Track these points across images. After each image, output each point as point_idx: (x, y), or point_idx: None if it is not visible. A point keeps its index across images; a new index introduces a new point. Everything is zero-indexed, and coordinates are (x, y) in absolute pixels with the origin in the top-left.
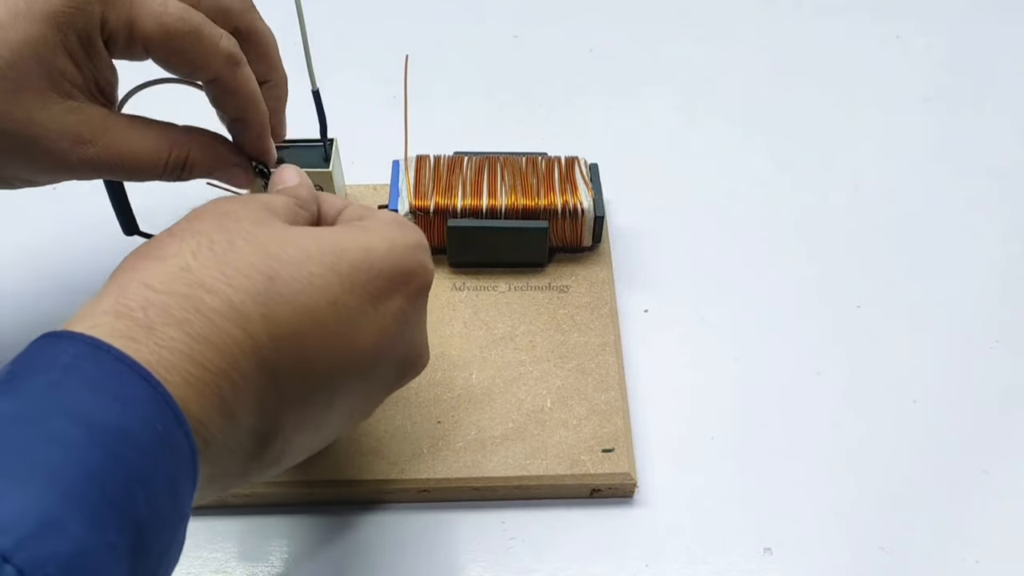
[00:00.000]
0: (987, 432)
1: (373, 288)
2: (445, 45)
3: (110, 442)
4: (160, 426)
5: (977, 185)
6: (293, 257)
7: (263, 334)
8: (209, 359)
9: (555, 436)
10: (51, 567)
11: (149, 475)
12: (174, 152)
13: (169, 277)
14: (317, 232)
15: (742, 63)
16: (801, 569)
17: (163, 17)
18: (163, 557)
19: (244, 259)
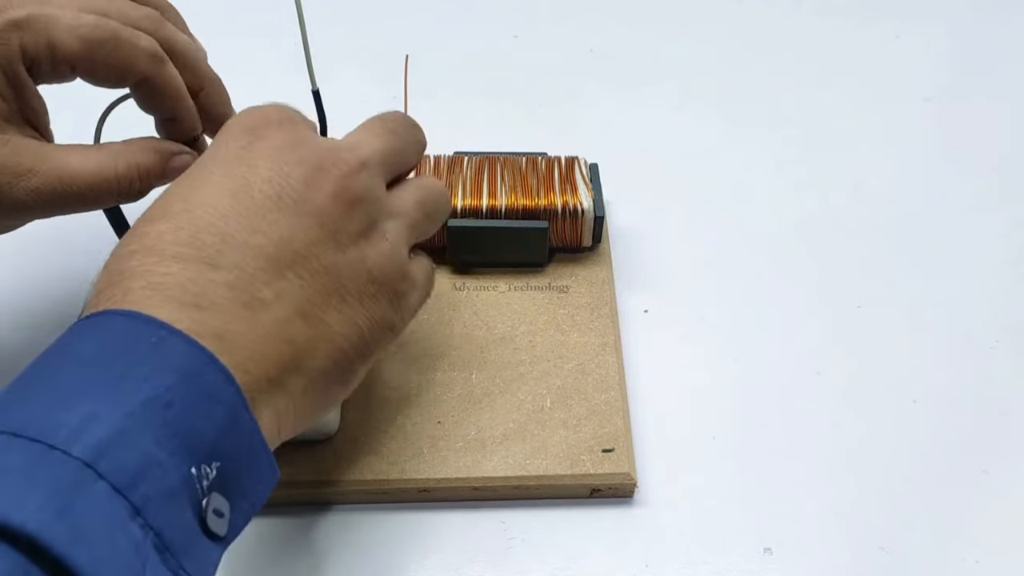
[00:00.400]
0: (987, 432)
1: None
2: (445, 45)
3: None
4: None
5: (977, 185)
6: (165, 193)
7: (166, 245)
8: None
9: (555, 436)
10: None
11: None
12: (121, 164)
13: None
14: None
15: (742, 63)
16: (801, 569)
17: (80, 30)
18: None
19: (134, 229)
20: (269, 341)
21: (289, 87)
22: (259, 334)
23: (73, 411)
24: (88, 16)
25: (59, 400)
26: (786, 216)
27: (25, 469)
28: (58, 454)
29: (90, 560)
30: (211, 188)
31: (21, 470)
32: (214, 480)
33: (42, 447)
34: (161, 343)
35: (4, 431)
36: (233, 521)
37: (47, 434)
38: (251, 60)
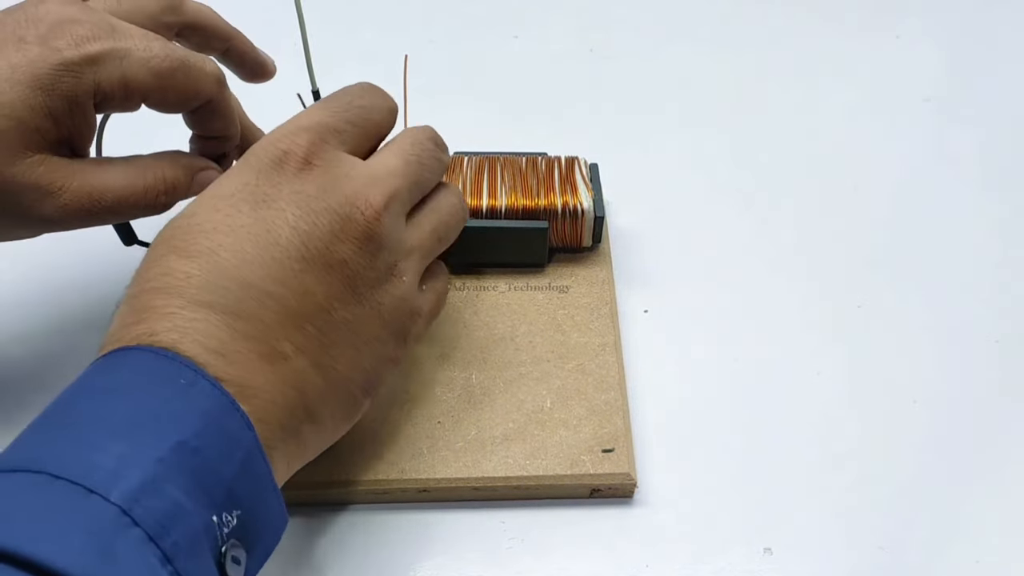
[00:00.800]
0: (987, 432)
1: (255, 197)
2: (445, 45)
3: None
4: (184, 380)
5: (977, 185)
6: (181, 227)
7: (191, 289)
8: (167, 327)
9: (555, 436)
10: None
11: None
12: (148, 177)
13: (119, 310)
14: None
15: (742, 63)
16: (801, 569)
17: (151, 62)
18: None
19: (150, 257)
20: (284, 392)
21: (289, 87)
22: (275, 385)
23: (107, 453)
24: (157, 44)
25: (93, 438)
26: (786, 216)
27: (66, 512)
28: (97, 499)
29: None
30: (238, 232)
31: (62, 513)
32: (234, 528)
33: (81, 490)
34: (191, 386)
35: (44, 471)
36: (249, 567)
37: (85, 477)
38: None
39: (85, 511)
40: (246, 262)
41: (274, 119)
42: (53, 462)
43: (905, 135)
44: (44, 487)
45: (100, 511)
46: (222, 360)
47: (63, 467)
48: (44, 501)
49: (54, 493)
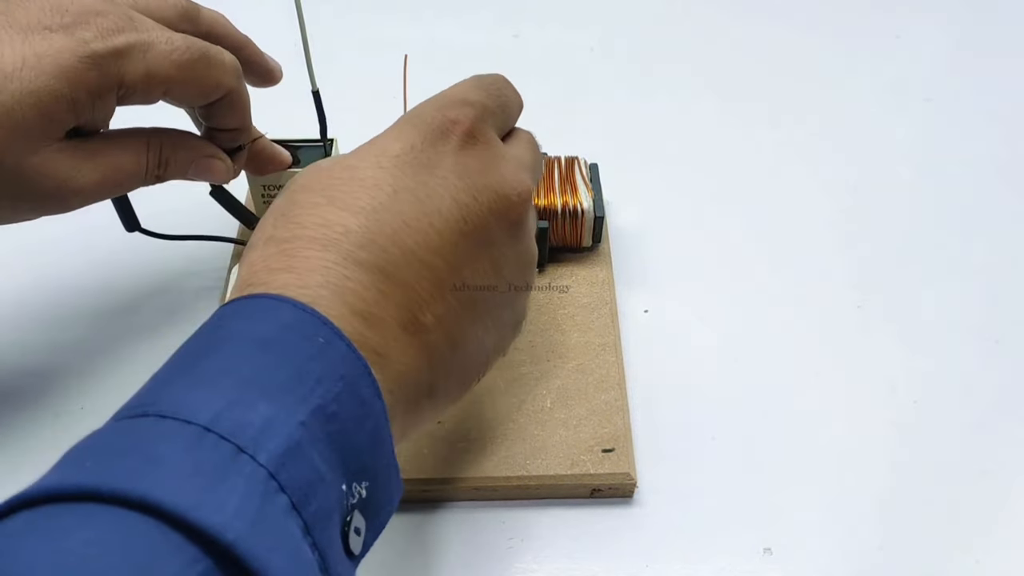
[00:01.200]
0: (987, 432)
1: (420, 162)
2: (445, 45)
3: (276, 350)
4: (322, 339)
5: (977, 185)
6: (341, 178)
7: (349, 244)
8: (317, 281)
9: (555, 436)
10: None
11: (324, 373)
12: (150, 153)
13: (261, 250)
14: (355, 150)
15: (742, 63)
16: (801, 569)
17: (173, 55)
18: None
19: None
20: (416, 364)
21: (289, 87)
22: (409, 356)
23: (255, 411)
24: (178, 37)
25: (240, 392)
26: (786, 216)
27: (220, 469)
28: (247, 459)
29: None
30: (401, 194)
31: (217, 470)
32: (358, 501)
33: (232, 448)
34: (328, 345)
35: (195, 423)
36: (366, 539)
37: (236, 434)
38: None
39: (238, 471)
40: (406, 225)
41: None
42: (204, 413)
43: (905, 135)
44: (195, 440)
45: (252, 473)
46: (364, 323)
47: (215, 420)
48: (195, 456)
49: (205, 448)
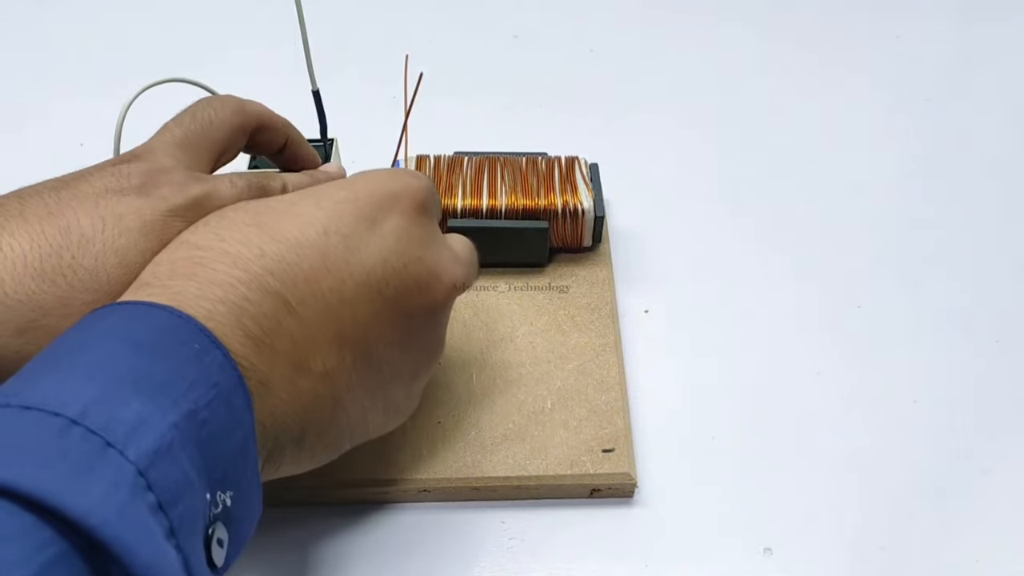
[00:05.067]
0: (987, 432)
1: (362, 214)
2: (445, 45)
3: (151, 352)
4: (197, 345)
5: (977, 185)
6: (276, 208)
7: (259, 268)
8: (217, 295)
9: (555, 437)
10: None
11: (197, 379)
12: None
13: (170, 251)
14: (301, 190)
15: (742, 63)
16: (801, 569)
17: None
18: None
19: (234, 221)
20: (293, 408)
21: (289, 87)
22: (290, 397)
23: (128, 407)
24: (239, 180)
25: (113, 388)
26: (786, 216)
27: (86, 459)
28: (115, 453)
29: (146, 567)
30: (330, 237)
31: (82, 460)
32: (220, 512)
33: (100, 442)
34: (204, 352)
35: (62, 415)
36: (228, 553)
37: (106, 428)
38: (252, 61)
39: (104, 463)
40: (325, 267)
41: None
42: (73, 405)
43: (906, 135)
44: (61, 431)
45: (120, 466)
46: (254, 348)
47: (84, 413)
48: (60, 445)
49: (72, 439)
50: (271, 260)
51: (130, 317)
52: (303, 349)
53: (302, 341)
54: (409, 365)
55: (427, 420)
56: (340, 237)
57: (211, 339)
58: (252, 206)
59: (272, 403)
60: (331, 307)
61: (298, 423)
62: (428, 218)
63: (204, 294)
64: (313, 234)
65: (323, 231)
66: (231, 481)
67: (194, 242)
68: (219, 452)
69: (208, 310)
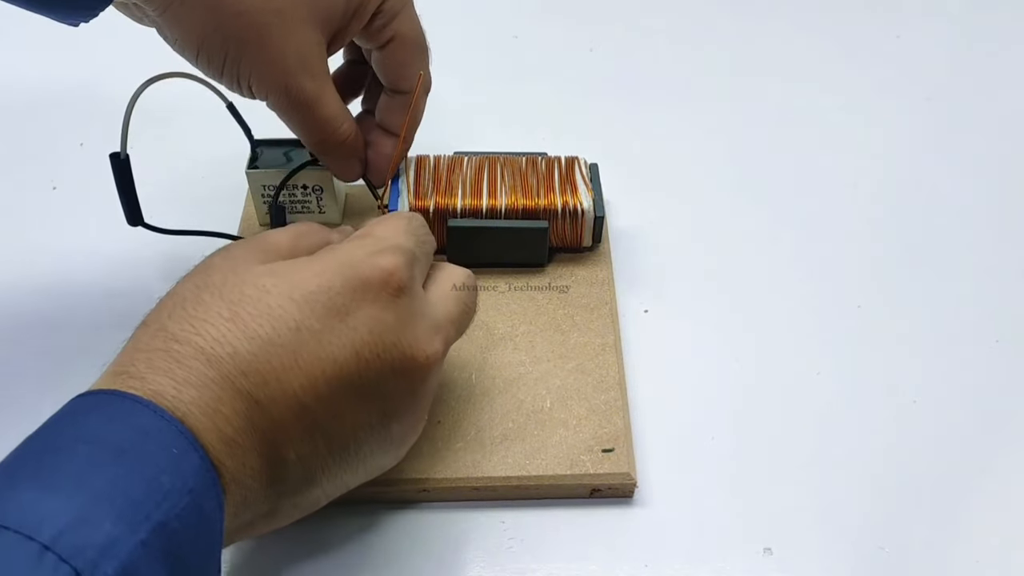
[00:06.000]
0: (987, 432)
1: (334, 306)
2: (445, 45)
3: (130, 460)
4: (176, 450)
5: (978, 185)
6: (251, 296)
7: (231, 367)
8: (192, 396)
9: (555, 436)
10: (90, 552)
11: (172, 487)
12: (345, 126)
13: (150, 338)
14: (277, 267)
15: (742, 62)
16: (801, 569)
17: (415, 25)
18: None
19: (210, 309)
20: (265, 495)
21: None
22: (260, 485)
23: (100, 530)
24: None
25: (89, 507)
26: (786, 216)
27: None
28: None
29: None
30: (302, 334)
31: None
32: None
33: (69, 570)
34: (182, 457)
35: (37, 540)
36: None
37: (75, 556)
38: None
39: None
40: (296, 366)
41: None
42: (48, 529)
43: (906, 135)
44: (34, 559)
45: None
46: (226, 450)
47: (57, 539)
48: (35, 572)
49: (44, 568)
50: (243, 360)
51: (112, 415)
52: (274, 443)
53: (272, 435)
54: (392, 436)
55: (427, 420)
56: (311, 333)
57: (190, 442)
58: (226, 284)
59: (242, 494)
60: (302, 404)
61: (269, 502)
62: (406, 298)
63: (181, 395)
64: (285, 331)
65: (295, 327)
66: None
67: (172, 333)
68: (185, 558)
69: (184, 412)
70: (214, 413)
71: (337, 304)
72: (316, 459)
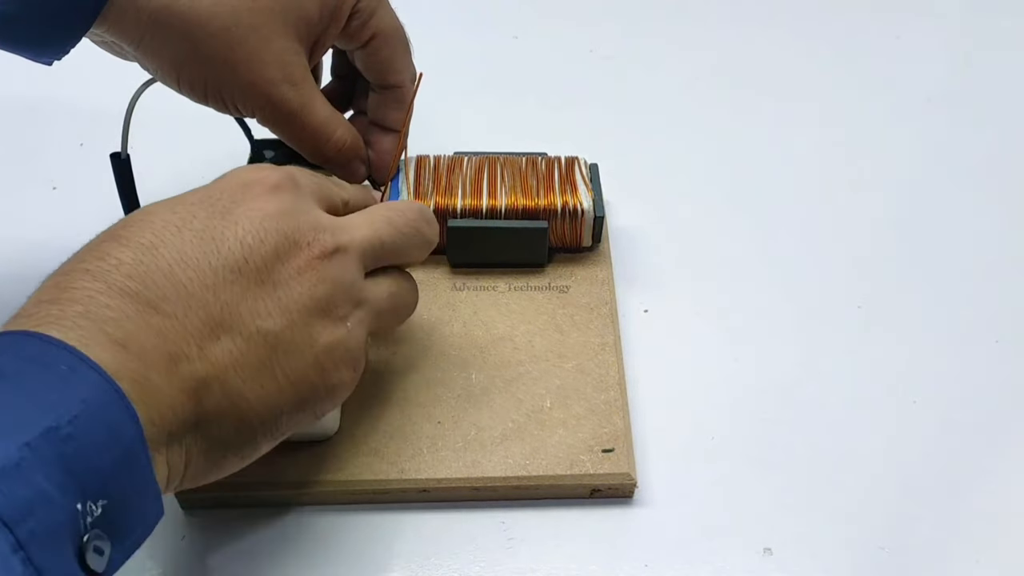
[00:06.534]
0: (987, 432)
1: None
2: (445, 45)
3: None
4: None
5: (978, 185)
6: (136, 219)
7: (117, 275)
8: (78, 311)
9: (555, 436)
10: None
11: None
12: (339, 132)
13: (44, 281)
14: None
15: (742, 63)
16: (801, 569)
17: (394, 20)
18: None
19: (92, 243)
20: (180, 398)
21: None
22: (173, 388)
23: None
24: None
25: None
26: (786, 216)
27: None
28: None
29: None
30: (186, 233)
31: None
32: (98, 518)
33: None
34: (72, 372)
35: None
36: (112, 558)
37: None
38: None
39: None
40: (182, 262)
41: None
42: None
43: (907, 135)
44: None
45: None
46: (123, 352)
47: None
48: None
49: None
50: (128, 266)
51: None
52: (176, 342)
53: (172, 334)
54: (300, 335)
55: (427, 420)
56: (194, 233)
57: (81, 358)
58: (114, 225)
59: (155, 398)
60: (194, 296)
61: (191, 412)
62: (287, 193)
63: (65, 312)
64: (168, 235)
65: (177, 230)
66: (110, 490)
67: (61, 270)
68: (89, 464)
69: (70, 326)
70: (103, 320)
71: (219, 207)
72: (222, 356)
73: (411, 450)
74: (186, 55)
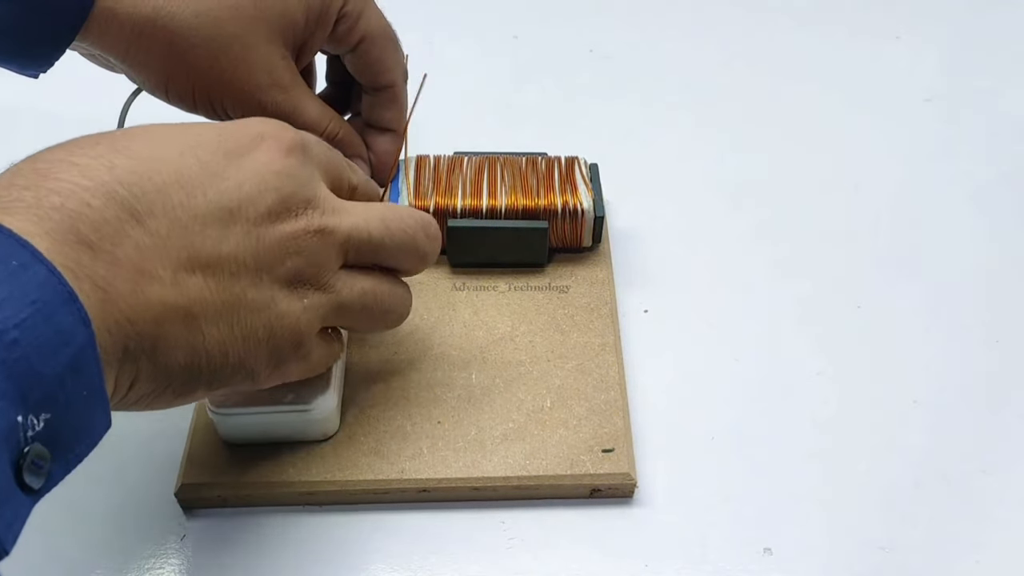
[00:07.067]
0: (987, 432)
1: (223, 147)
2: (445, 45)
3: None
4: (16, 262)
5: (977, 185)
6: (134, 133)
7: (108, 177)
8: (54, 203)
9: (555, 436)
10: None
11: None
12: (331, 125)
13: (14, 166)
14: None
15: (742, 63)
16: (801, 569)
17: (381, 20)
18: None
19: (86, 141)
20: (141, 317)
21: None
22: (137, 304)
23: None
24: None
25: None
26: (786, 216)
27: None
28: None
29: None
30: (188, 158)
31: None
32: (39, 432)
33: None
34: (23, 269)
35: None
36: (53, 472)
37: None
38: None
39: None
40: (177, 183)
41: None
42: None
43: (906, 135)
44: None
45: None
46: (88, 253)
47: None
48: None
49: None
50: (122, 171)
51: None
52: (151, 259)
53: (149, 251)
54: (263, 295)
55: (427, 420)
56: (196, 160)
57: (35, 255)
58: (109, 134)
59: (117, 307)
60: (181, 221)
61: (150, 333)
62: (296, 159)
63: (40, 202)
64: (170, 153)
65: (179, 152)
66: (55, 401)
67: (42, 157)
68: (35, 372)
69: (37, 218)
70: (78, 217)
71: (227, 147)
72: (193, 291)
73: (411, 450)
74: (172, 66)
